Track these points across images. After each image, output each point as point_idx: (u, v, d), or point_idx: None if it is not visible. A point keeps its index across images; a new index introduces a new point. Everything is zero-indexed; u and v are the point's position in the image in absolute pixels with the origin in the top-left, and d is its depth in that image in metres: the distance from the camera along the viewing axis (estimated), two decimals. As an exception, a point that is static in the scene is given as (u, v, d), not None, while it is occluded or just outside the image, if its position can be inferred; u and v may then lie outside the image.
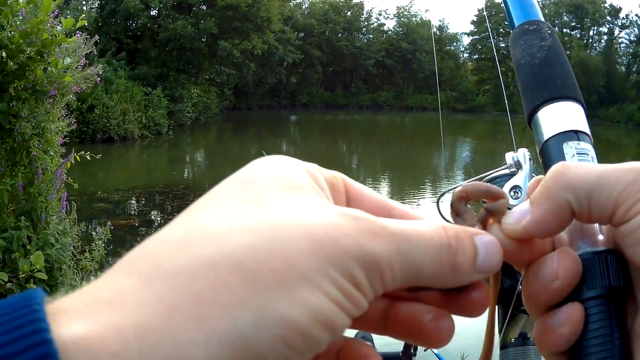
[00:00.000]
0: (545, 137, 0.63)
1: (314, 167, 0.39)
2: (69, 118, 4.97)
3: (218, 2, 33.33)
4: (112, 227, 5.19)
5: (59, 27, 4.25)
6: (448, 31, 64.92)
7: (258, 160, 0.37)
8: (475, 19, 60.02)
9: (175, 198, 13.96)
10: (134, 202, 13.94)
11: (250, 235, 0.30)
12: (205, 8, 34.80)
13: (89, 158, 4.90)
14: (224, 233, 0.31)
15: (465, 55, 65.75)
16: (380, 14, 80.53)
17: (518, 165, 0.84)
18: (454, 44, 65.16)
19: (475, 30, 60.48)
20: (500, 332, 0.99)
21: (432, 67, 56.12)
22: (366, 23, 59.93)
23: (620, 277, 0.41)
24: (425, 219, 0.39)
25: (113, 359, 0.26)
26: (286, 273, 0.30)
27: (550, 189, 0.41)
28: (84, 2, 31.52)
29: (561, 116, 0.63)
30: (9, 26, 3.97)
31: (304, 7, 55.89)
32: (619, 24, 57.62)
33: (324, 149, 24.14)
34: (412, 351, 1.01)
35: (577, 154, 0.60)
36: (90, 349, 0.26)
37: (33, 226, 4.33)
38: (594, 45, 59.47)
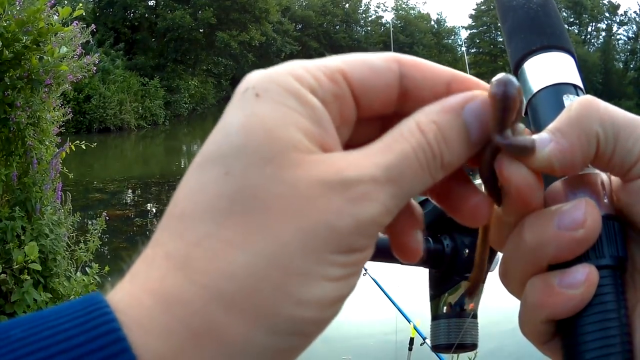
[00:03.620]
0: (540, 85, 0.55)
1: (305, 93, 0.33)
2: (64, 108, 4.94)
3: (216, -7, 33.25)
4: (108, 218, 5.16)
5: (56, 17, 4.22)
6: (446, 25, 64.93)
7: (235, 115, 0.33)
8: (473, 12, 60.05)
9: (171, 188, 13.92)
10: (129, 192, 13.95)
11: (244, 253, 0.30)
12: (203, -2, 34.74)
13: (84, 148, 4.87)
14: (220, 253, 0.30)
15: (463, 49, 65.76)
16: (378, 7, 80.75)
17: None
18: (452, 37, 65.21)
19: (473, 24, 60.46)
20: (433, 299, 0.89)
21: (430, 60, 56.10)
22: (364, 15, 59.89)
23: (625, 248, 0.38)
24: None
25: None
26: (285, 280, 0.30)
27: (579, 117, 0.37)
28: (81, -9, 31.39)
29: (561, 66, 0.56)
30: (5, 15, 3.94)
31: (302, -2, 55.81)
32: (617, 20, 57.68)
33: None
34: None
35: None
36: None
37: (27, 216, 4.30)
38: (592, 41, 59.51)
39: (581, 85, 0.55)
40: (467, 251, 0.81)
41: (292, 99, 0.33)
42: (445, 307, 0.87)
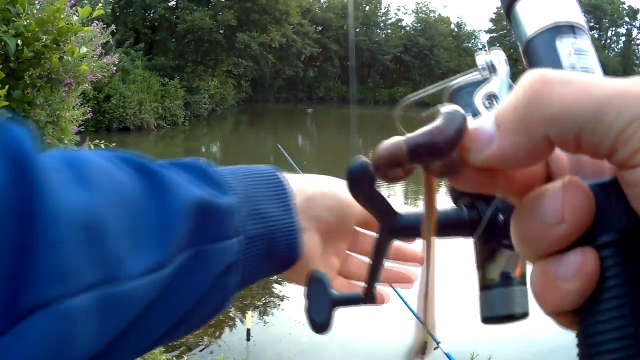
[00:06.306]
0: (531, 31, 0.49)
1: None
2: (84, 107, 4.98)
3: (237, -6, 33.33)
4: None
5: (76, 17, 4.26)
6: (466, 28, 64.75)
7: None
8: (494, 16, 59.80)
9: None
10: (148, 192, 13.97)
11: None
12: (223, 0, 34.81)
13: (103, 147, 4.91)
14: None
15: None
16: (398, 9, 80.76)
17: (492, 69, 0.67)
18: (472, 41, 64.95)
19: (493, 27, 60.20)
20: (479, 269, 0.83)
21: (450, 63, 55.93)
22: (384, 18, 59.76)
23: (630, 215, 0.29)
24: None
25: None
26: None
27: (523, 118, 0.29)
28: (103, -8, 31.61)
29: (551, 5, 0.49)
30: (25, 14, 3.99)
31: (322, 0, 55.77)
32: (637, 25, 57.29)
33: (340, 142, 24.06)
34: (374, 293, 0.61)
35: (575, 53, 0.47)
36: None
37: (45, 214, 4.34)
38: (612, 46, 59.12)
39: (579, 21, 0.49)
40: (501, 216, 0.70)
41: None
42: (490, 277, 0.78)
